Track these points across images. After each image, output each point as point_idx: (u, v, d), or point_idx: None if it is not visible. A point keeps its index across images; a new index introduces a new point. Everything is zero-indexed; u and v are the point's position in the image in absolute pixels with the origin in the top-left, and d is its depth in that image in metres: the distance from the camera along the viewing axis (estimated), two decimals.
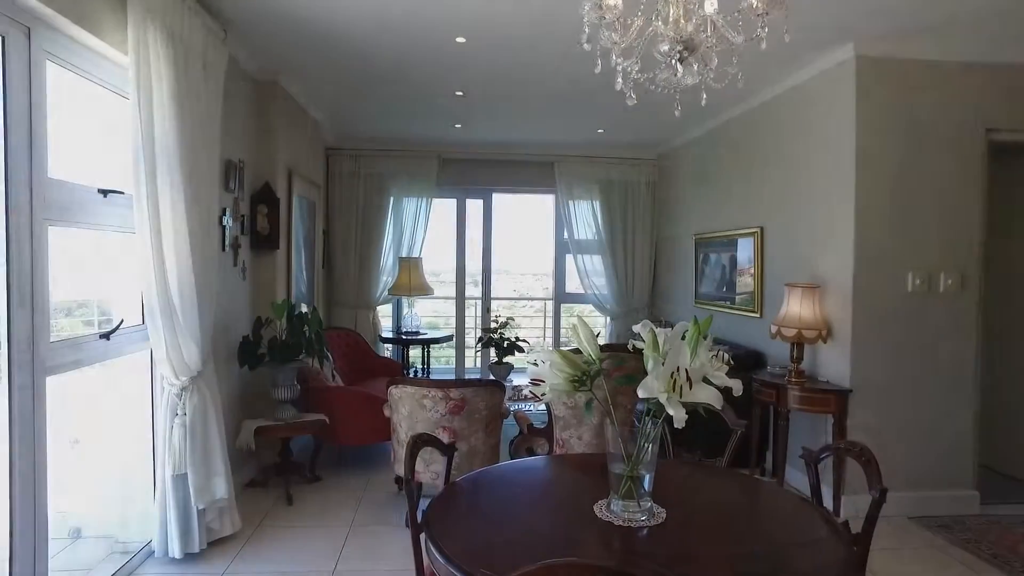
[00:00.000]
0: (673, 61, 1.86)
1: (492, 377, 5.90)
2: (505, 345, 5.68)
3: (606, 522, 1.87)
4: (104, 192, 2.96)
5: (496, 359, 5.73)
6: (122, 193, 3.06)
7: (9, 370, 2.38)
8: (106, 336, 2.98)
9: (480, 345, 5.74)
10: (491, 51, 4.16)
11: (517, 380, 5.85)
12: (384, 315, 7.45)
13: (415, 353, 6.94)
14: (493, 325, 5.83)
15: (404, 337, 6.55)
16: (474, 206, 7.60)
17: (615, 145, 7.20)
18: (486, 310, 7.61)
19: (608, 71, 2.18)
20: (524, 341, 5.95)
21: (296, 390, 4.18)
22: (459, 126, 6.32)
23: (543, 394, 1.77)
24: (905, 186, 3.89)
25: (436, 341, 6.66)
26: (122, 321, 3.12)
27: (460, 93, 5.15)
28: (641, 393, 1.68)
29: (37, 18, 2.43)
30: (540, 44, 4.03)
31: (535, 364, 1.84)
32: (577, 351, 1.97)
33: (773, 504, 2.16)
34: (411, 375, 6.42)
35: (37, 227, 2.46)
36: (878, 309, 3.89)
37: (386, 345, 7.07)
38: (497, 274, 7.83)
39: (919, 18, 3.46)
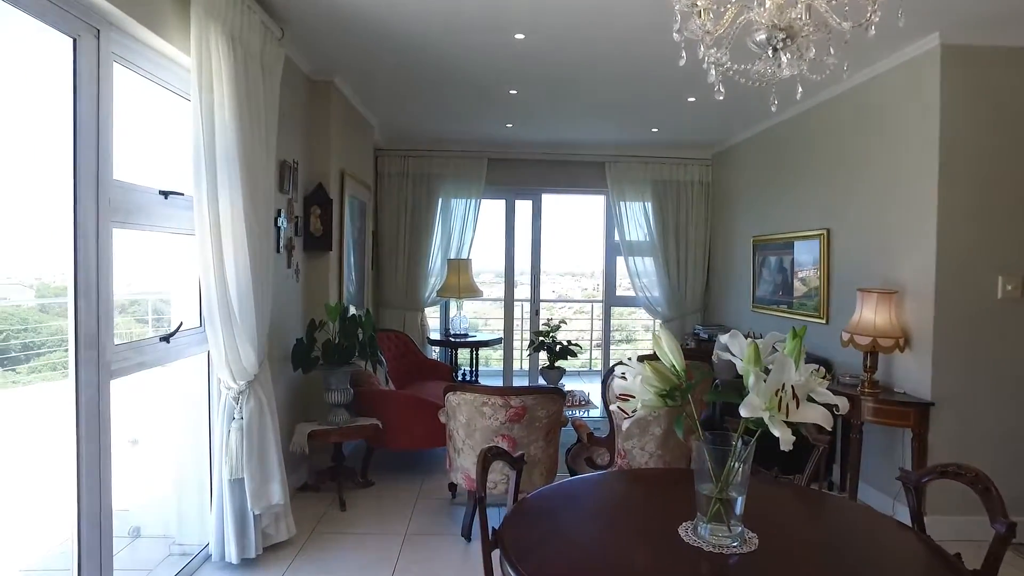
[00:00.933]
0: (772, 51, 1.71)
1: (543, 382, 5.78)
2: (557, 349, 5.56)
3: (694, 547, 1.74)
4: (165, 194, 2.94)
5: (548, 363, 5.61)
6: (182, 195, 3.04)
7: (77, 372, 2.36)
8: (166, 339, 2.96)
9: (531, 349, 5.62)
10: (549, 48, 4.05)
11: (570, 385, 5.72)
12: (430, 317, 7.40)
13: (463, 355, 6.87)
14: (544, 328, 5.72)
15: (453, 339, 6.47)
16: (523, 207, 7.48)
17: (669, 145, 7.01)
18: (535, 312, 7.50)
19: (690, 66, 2.04)
20: (576, 345, 5.82)
21: (349, 394, 4.13)
22: (510, 125, 6.23)
23: (634, 410, 1.65)
24: (993, 182, 3.64)
25: (485, 344, 6.57)
26: (181, 324, 3.10)
27: (514, 91, 5.05)
28: (744, 412, 1.54)
29: (106, 20, 2.41)
30: (599, 41, 3.90)
31: (623, 378, 1.71)
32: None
33: (872, 531, 1.99)
34: (459, 378, 6.35)
35: (103, 229, 2.44)
36: (963, 316, 3.64)
37: (433, 347, 7.02)
38: (546, 276, 7.71)
39: (1008, 2, 3.22)
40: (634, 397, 1.68)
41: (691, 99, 5.19)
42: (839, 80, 4.36)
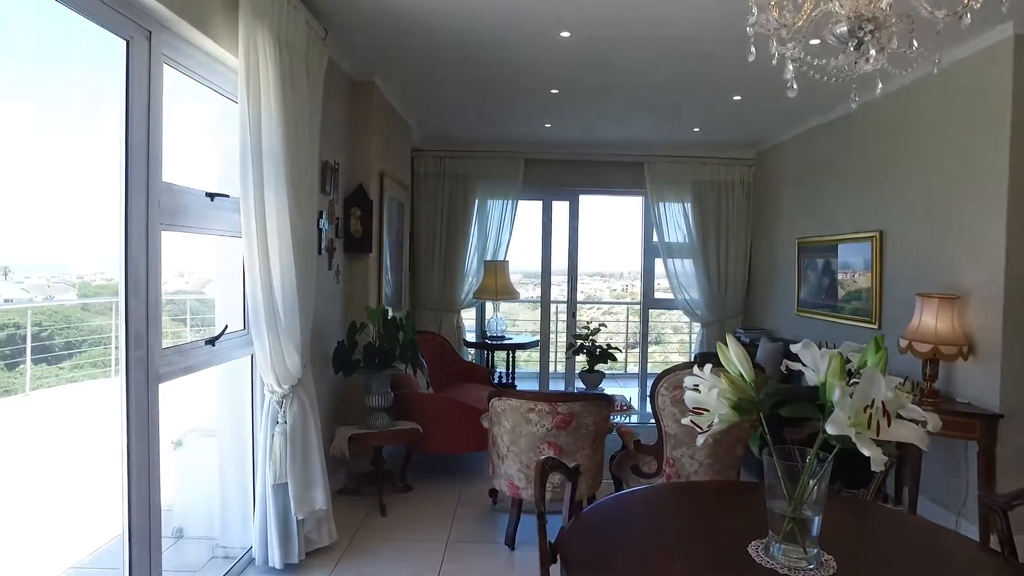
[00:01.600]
0: (857, 44, 1.60)
1: (582, 385, 5.69)
2: (597, 353, 5.46)
3: (768, 569, 1.64)
4: (211, 196, 2.92)
5: (587, 367, 5.52)
6: (227, 197, 3.02)
7: (127, 375, 2.34)
8: (212, 342, 2.94)
9: (571, 352, 5.54)
10: (594, 47, 3.96)
11: (609, 389, 5.62)
12: (465, 318, 7.35)
13: (498, 357, 6.80)
14: (583, 331, 5.62)
15: (489, 341, 6.41)
16: (559, 208, 7.39)
17: (709, 144, 6.86)
18: (571, 315, 7.41)
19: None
20: (616, 348, 5.71)
21: (390, 397, 4.08)
22: (549, 125, 6.14)
23: (709, 426, 1.55)
24: None
25: (522, 347, 6.50)
26: (226, 327, 3.08)
27: (556, 91, 4.96)
28: (831, 429, 1.44)
29: (158, 22, 2.39)
30: (646, 41, 3.80)
31: (695, 389, 1.62)
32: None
33: (957, 556, 1.86)
34: (496, 380, 6.28)
35: (152, 232, 2.42)
36: None
37: (468, 349, 6.97)
38: (582, 277, 7.62)
39: None
40: (709, 411, 1.59)
41: (736, 98, 5.05)
42: (894, 76, 4.18)
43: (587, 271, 8.81)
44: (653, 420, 3.52)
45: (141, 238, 2.36)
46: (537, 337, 7.24)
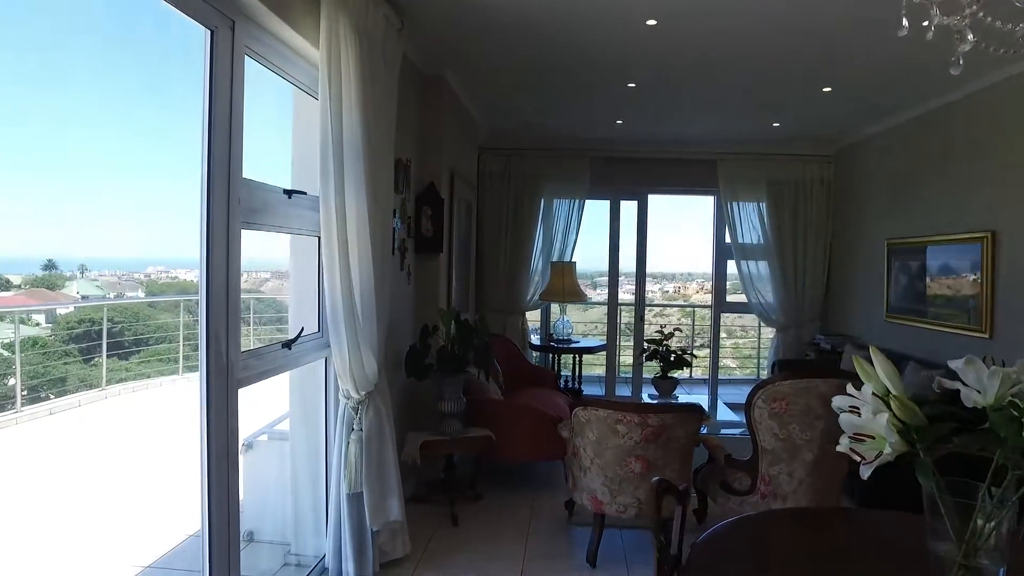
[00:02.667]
0: None
1: (654, 391, 5.44)
2: (672, 358, 5.21)
3: None
4: (288, 193, 2.82)
5: (660, 372, 5.27)
6: (304, 194, 2.92)
7: (207, 379, 2.24)
8: (288, 345, 2.84)
9: (644, 357, 5.31)
10: (680, 36, 3.73)
11: (683, 398, 5.37)
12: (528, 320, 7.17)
13: (560, 360, 6.59)
14: (655, 336, 5.39)
15: (555, 345, 6.22)
16: (627, 208, 7.13)
17: (787, 140, 6.50)
18: (639, 318, 7.15)
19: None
20: (692, 354, 5.44)
21: (462, 403, 3.93)
22: (620, 122, 5.92)
23: (878, 455, 1.32)
24: None
25: (590, 351, 6.29)
26: (302, 329, 2.98)
27: (632, 85, 4.74)
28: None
29: (242, 11, 2.29)
30: (737, 28, 3.55)
31: (854, 411, 1.39)
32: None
33: None
34: (562, 385, 6.08)
35: (233, 230, 2.32)
36: None
37: (532, 352, 6.79)
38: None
39: None
40: (873, 438, 1.35)
41: (827, 89, 4.73)
42: (1006, 63, 3.81)
43: (674, 275, 8.53)
44: (747, 432, 3.27)
45: (222, 237, 2.26)
46: (603, 340, 7.02)
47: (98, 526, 3.96)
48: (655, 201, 7.15)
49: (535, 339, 7.05)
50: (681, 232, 7.33)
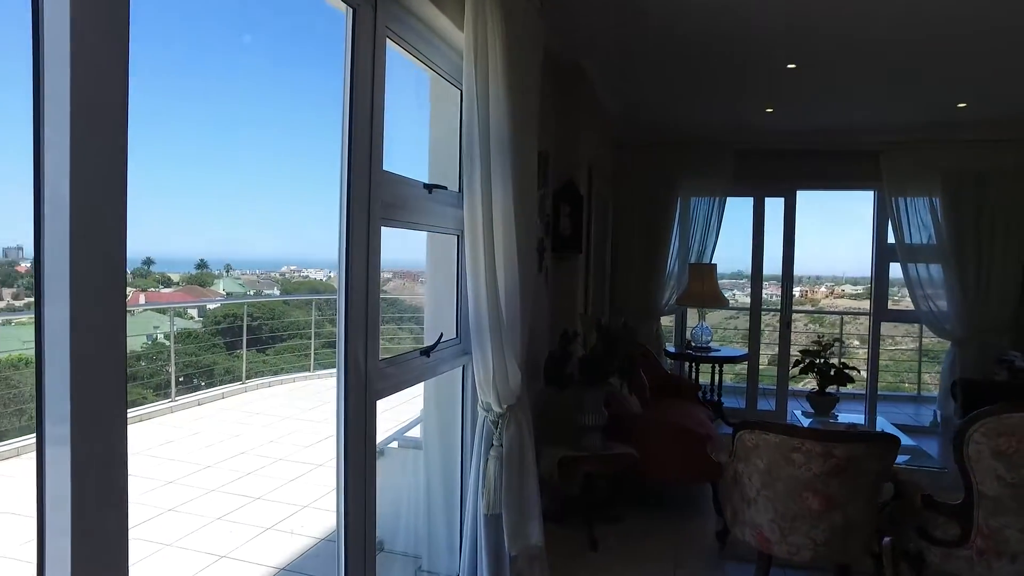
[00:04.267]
0: None
1: (809, 408, 4.85)
2: (832, 373, 4.61)
3: None
4: (428, 187, 2.61)
5: (817, 388, 4.68)
6: (445, 188, 2.70)
7: (345, 389, 2.06)
8: (426, 352, 2.63)
9: (798, 370, 4.76)
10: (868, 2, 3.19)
11: (843, 416, 4.74)
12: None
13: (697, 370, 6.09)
14: (812, 347, 4.79)
15: (693, 353, 5.74)
16: (773, 206, 6.48)
17: (971, 124, 5.61)
18: (785, 324, 6.49)
19: None
20: (855, 369, 4.80)
21: (604, 416, 3.60)
22: (771, 110, 5.35)
23: None
24: None
25: (731, 360, 5.75)
26: (441, 335, 2.76)
27: (792, 65, 4.20)
28: None
29: None
30: None
31: None
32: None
33: None
34: (701, 396, 5.58)
35: (373, 227, 2.12)
36: None
37: (668, 360, 6.33)
38: (797, 283, 6.69)
39: None
40: None
41: None
42: None
43: (824, 279, 7.78)
44: (959, 472, 2.70)
45: (362, 234, 2.07)
46: (742, 349, 6.43)
47: (236, 521, 3.99)
48: (808, 198, 6.46)
49: (669, 346, 6.58)
50: (806, 231, 6.56)
